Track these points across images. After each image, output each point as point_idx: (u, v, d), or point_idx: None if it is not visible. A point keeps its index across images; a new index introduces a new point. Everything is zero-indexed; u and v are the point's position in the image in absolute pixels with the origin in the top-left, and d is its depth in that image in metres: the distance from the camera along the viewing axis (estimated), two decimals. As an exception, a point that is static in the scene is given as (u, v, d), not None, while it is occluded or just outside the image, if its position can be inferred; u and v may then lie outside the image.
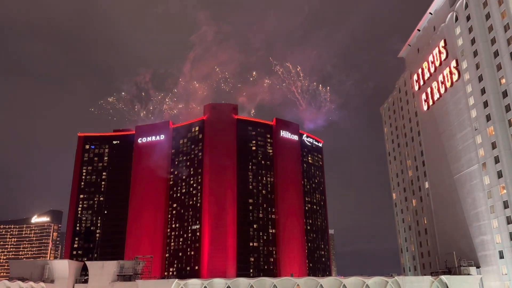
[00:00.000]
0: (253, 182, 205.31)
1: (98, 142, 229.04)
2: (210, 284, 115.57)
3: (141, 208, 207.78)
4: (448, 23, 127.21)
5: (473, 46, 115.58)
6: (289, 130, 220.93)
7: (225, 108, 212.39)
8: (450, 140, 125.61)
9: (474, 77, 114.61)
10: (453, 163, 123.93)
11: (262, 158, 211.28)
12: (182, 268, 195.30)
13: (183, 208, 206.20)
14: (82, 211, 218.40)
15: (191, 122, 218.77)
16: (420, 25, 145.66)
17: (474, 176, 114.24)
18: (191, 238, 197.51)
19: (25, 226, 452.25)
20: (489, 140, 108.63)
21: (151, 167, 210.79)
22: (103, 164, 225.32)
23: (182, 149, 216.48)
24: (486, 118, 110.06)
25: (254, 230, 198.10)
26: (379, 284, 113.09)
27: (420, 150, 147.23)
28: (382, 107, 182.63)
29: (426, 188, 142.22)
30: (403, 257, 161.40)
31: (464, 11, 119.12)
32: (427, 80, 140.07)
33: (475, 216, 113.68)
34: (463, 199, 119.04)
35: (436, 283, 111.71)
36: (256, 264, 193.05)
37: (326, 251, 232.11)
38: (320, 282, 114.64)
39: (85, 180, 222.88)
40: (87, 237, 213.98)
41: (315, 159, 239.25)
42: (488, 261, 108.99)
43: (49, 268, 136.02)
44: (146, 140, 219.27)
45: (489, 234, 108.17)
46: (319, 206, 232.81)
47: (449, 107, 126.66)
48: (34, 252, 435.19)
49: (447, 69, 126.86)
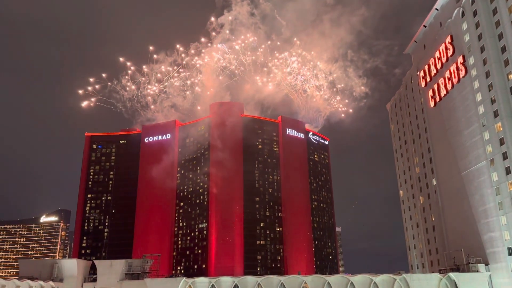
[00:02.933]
0: (259, 181, 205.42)
1: (105, 141, 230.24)
2: (218, 282, 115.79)
3: (149, 207, 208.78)
4: (454, 19, 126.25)
5: (480, 41, 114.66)
6: (295, 128, 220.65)
7: (231, 106, 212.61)
8: (458, 137, 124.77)
9: (482, 73, 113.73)
10: (461, 159, 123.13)
11: (269, 157, 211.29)
12: (190, 267, 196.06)
13: (190, 206, 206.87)
14: (90, 210, 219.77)
15: (197, 121, 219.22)
16: (426, 21, 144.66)
17: (482, 173, 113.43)
18: (199, 237, 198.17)
19: (34, 226, 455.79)
20: (497, 136, 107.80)
21: (158, 166, 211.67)
22: (110, 164, 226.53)
23: (189, 148, 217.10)
24: (493, 114, 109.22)
25: (261, 229, 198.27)
26: (386, 281, 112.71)
27: (427, 147, 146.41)
28: (389, 104, 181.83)
29: (433, 185, 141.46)
30: (411, 254, 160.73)
31: (471, 6, 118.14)
32: (434, 77, 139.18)
33: (483, 212, 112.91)
34: (471, 196, 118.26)
35: (444, 280, 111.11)
36: (263, 262, 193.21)
37: (333, 249, 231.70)
38: (327, 280, 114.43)
39: (93, 180, 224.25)
40: (95, 236, 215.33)
41: (322, 157, 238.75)
42: (497, 258, 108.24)
43: (58, 267, 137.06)
44: (153, 139, 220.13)
45: (497, 231, 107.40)
46: (326, 204, 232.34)
47: (456, 103, 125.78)
48: (43, 251, 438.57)
49: (454, 65, 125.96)
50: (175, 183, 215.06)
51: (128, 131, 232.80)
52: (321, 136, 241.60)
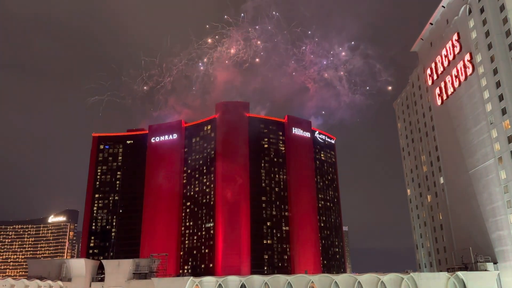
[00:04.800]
0: (265, 180, 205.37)
1: (112, 142, 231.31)
2: (225, 281, 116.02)
3: (156, 206, 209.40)
4: (461, 16, 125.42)
5: (487, 39, 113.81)
6: (301, 127, 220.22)
7: (237, 106, 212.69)
8: (465, 135, 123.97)
9: (489, 70, 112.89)
10: (468, 157, 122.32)
11: (275, 156, 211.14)
12: (197, 266, 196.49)
13: (197, 206, 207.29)
14: (98, 210, 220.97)
15: (203, 121, 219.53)
16: (433, 19, 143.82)
17: (490, 171, 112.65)
18: (205, 236, 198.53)
19: (42, 226, 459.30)
20: (505, 134, 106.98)
21: (165, 166, 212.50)
22: (117, 164, 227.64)
23: (195, 147, 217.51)
24: (501, 111, 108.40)
25: (267, 228, 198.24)
26: (394, 281, 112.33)
27: (434, 145, 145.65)
28: (396, 102, 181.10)
29: (441, 184, 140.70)
30: (418, 253, 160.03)
31: (478, 3, 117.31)
32: (441, 74, 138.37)
33: (491, 211, 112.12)
34: (479, 194, 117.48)
35: (452, 279, 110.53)
36: (270, 261, 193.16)
37: (341, 248, 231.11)
38: (334, 279, 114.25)
39: (100, 180, 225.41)
40: (103, 236, 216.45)
41: (328, 156, 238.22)
42: (505, 256, 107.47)
43: (66, 267, 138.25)
44: (159, 139, 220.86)
45: (506, 229, 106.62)
46: (332, 203, 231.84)
47: (463, 101, 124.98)
48: (51, 251, 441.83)
49: (461, 62, 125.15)
50: (182, 182, 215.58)
51: (134, 131, 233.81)
52: (327, 135, 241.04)
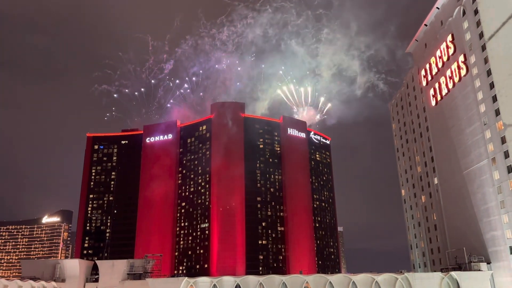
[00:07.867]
0: (261, 180, 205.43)
1: (106, 142, 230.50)
2: (220, 282, 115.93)
3: (150, 207, 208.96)
4: (455, 17, 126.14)
5: (481, 40, 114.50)
6: (297, 127, 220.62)
7: (232, 106, 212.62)
8: (459, 135, 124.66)
9: (483, 72, 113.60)
10: (462, 158, 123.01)
11: (270, 156, 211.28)
12: (192, 267, 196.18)
13: (192, 206, 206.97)
14: (92, 210, 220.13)
15: (199, 121, 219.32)
16: (427, 20, 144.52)
17: (484, 171, 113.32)
18: (200, 237, 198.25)
19: (36, 226, 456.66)
20: (499, 135, 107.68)
21: (160, 166, 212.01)
22: (112, 164, 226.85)
23: (190, 148, 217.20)
24: (495, 112, 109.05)
25: (262, 228, 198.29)
26: (388, 281, 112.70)
27: (428, 146, 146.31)
28: (390, 103, 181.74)
29: (435, 184, 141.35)
30: (412, 253, 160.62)
31: (472, 4, 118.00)
32: (435, 75, 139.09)
33: (485, 211, 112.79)
34: (472, 195, 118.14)
35: (446, 279, 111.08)
36: (265, 262, 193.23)
37: (335, 248, 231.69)
38: (329, 279, 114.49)
39: (95, 180, 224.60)
40: (97, 236, 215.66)
41: (323, 157, 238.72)
42: (499, 256, 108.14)
43: (60, 267, 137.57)
44: (154, 139, 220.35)
45: (499, 230, 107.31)
46: (327, 204, 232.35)
47: (457, 102, 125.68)
48: (45, 252, 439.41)
49: (455, 63, 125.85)
50: (177, 183, 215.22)
51: (129, 132, 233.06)
52: (322, 135, 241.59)
